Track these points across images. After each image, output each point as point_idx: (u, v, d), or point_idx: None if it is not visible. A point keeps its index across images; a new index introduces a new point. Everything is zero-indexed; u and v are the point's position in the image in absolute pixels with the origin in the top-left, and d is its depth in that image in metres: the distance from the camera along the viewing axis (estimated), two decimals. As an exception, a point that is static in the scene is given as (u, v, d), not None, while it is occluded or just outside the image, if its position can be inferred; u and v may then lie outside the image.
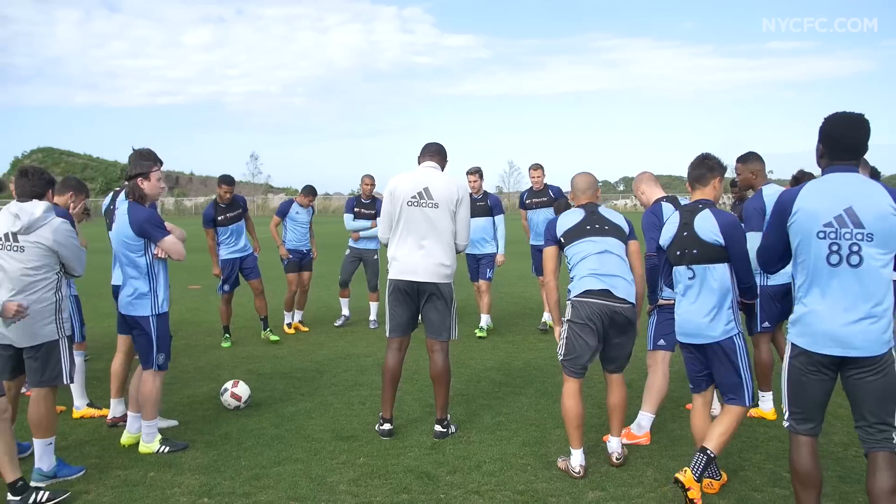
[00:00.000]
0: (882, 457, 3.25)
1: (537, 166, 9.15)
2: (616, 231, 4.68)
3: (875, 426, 3.27)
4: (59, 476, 4.51)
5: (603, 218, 4.72)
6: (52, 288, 4.49)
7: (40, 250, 4.42)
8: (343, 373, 7.24)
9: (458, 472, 4.60)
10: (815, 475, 3.40)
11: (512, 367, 7.38)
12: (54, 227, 4.45)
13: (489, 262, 8.93)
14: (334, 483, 4.45)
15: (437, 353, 5.29)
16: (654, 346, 5.21)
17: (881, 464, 3.24)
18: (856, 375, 3.29)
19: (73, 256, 4.56)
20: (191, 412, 5.92)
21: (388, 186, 5.26)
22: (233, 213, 8.50)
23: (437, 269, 5.17)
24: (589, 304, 4.50)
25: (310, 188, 9.74)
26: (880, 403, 3.26)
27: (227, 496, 4.27)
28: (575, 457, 4.54)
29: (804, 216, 3.34)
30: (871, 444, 3.30)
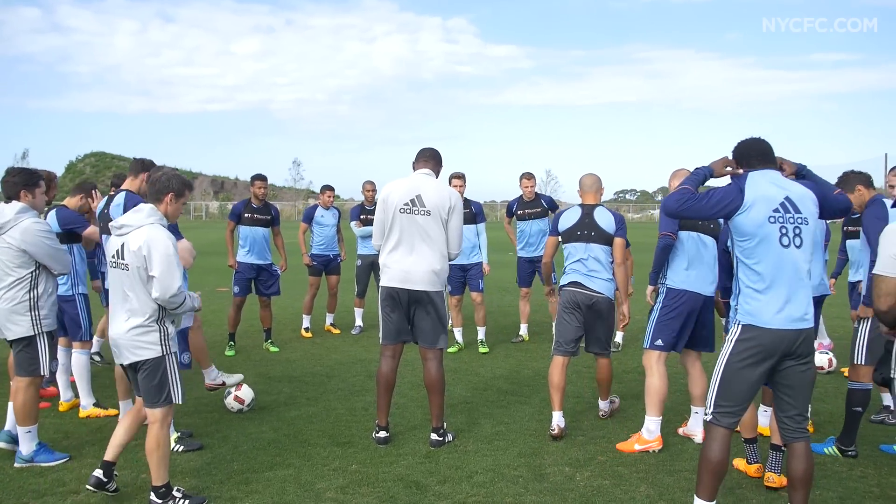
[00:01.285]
0: (801, 446, 3.62)
1: (529, 175, 8.89)
2: (601, 238, 5.49)
3: (800, 416, 3.61)
4: (35, 461, 4.70)
5: (594, 224, 5.51)
6: (25, 287, 4.63)
7: (11, 250, 4.60)
8: (352, 378, 7.24)
9: (448, 482, 4.54)
10: (725, 465, 3.65)
11: (520, 376, 7.30)
12: (23, 228, 4.60)
13: (478, 272, 8.49)
14: (322, 490, 4.43)
15: (431, 361, 5.24)
16: (650, 344, 5.19)
17: (801, 452, 3.61)
18: (793, 366, 3.55)
19: (45, 255, 4.66)
20: (196, 414, 5.97)
21: (381, 193, 5.25)
22: (261, 216, 8.54)
23: (429, 277, 5.12)
24: (573, 292, 5.52)
25: (325, 186, 9.79)
26: (807, 393, 3.63)
27: (213, 500, 4.28)
28: (554, 418, 5.38)
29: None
30: (793, 435, 3.64)
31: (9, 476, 4.61)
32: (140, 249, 3.96)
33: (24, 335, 4.68)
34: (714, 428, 3.64)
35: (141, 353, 4.05)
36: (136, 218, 4.07)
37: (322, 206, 9.59)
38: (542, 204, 8.83)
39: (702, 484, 3.65)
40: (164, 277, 3.96)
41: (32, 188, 4.80)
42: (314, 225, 9.56)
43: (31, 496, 4.31)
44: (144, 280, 4.00)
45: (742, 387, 3.56)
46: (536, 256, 8.82)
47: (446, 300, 5.41)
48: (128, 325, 4.04)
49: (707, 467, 3.63)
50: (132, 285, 4.02)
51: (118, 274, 4.08)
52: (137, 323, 4.03)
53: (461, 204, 5.27)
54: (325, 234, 9.54)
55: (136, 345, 4.05)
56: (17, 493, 4.36)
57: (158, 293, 3.98)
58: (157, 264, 3.95)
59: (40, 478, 4.58)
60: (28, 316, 4.65)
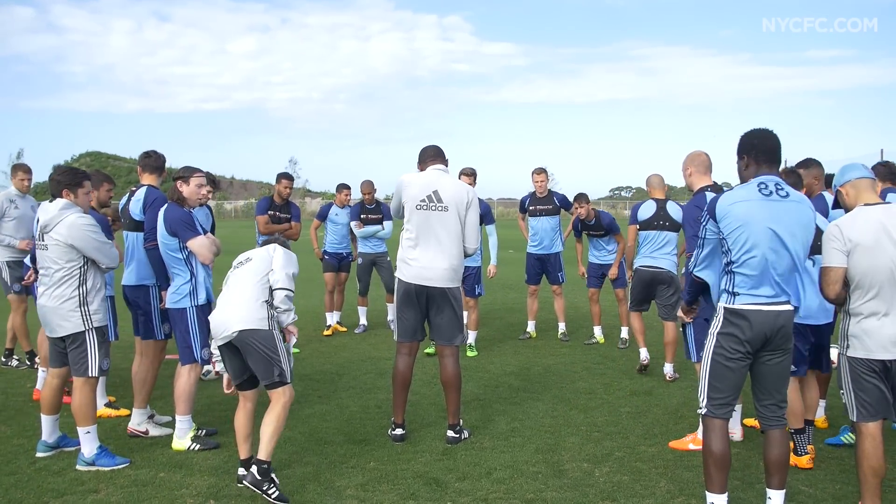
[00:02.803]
0: (778, 433, 3.80)
1: (541, 170, 8.79)
2: (673, 227, 6.99)
3: (777, 404, 3.79)
4: (97, 464, 4.66)
5: (667, 215, 7.00)
6: (74, 283, 4.66)
7: (59, 247, 4.62)
8: (363, 375, 7.24)
9: (467, 479, 4.54)
10: (729, 455, 3.76)
11: (531, 373, 7.30)
12: (69, 223, 4.62)
13: (477, 276, 8.28)
14: (342, 487, 4.42)
15: (448, 357, 5.24)
16: (697, 357, 5.09)
17: (777, 439, 3.79)
18: (771, 358, 3.71)
19: (92, 249, 4.69)
20: (209, 412, 5.96)
21: (399, 180, 5.24)
22: (283, 214, 8.51)
23: (448, 274, 5.12)
24: (645, 271, 7.07)
25: (342, 185, 9.79)
26: (783, 382, 3.80)
27: (234, 499, 4.27)
28: (641, 354, 7.30)
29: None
30: (770, 422, 3.81)
31: (28, 476, 4.60)
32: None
33: (74, 331, 4.67)
34: (710, 420, 3.76)
35: (253, 324, 4.33)
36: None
37: (337, 205, 9.61)
38: (554, 201, 8.77)
39: (710, 478, 3.74)
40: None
41: (75, 188, 4.79)
42: (328, 223, 9.60)
43: (50, 495, 4.30)
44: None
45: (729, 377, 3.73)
46: (545, 254, 8.80)
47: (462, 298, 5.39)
48: (238, 307, 4.38)
49: (711, 461, 3.72)
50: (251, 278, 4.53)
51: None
52: (256, 304, 4.41)
53: (477, 199, 5.26)
54: (338, 233, 9.58)
55: (251, 320, 4.33)
56: (37, 492, 4.35)
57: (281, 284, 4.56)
58: None
59: (59, 477, 4.57)
60: (78, 311, 4.66)
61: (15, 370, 7.54)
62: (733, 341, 3.66)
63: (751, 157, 3.80)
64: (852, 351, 3.79)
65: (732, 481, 4.33)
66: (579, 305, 11.10)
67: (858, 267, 3.72)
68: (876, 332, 3.71)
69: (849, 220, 3.80)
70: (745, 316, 3.63)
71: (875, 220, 3.73)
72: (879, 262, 3.68)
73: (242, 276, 4.48)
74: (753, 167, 3.79)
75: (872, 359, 3.72)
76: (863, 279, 3.73)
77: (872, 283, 3.71)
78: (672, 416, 5.83)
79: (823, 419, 5.55)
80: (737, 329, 3.64)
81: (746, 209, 3.63)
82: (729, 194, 3.75)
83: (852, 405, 3.80)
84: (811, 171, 5.41)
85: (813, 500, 4.23)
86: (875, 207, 3.80)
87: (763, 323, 3.62)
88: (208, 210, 7.38)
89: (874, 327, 3.71)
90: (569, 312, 10.35)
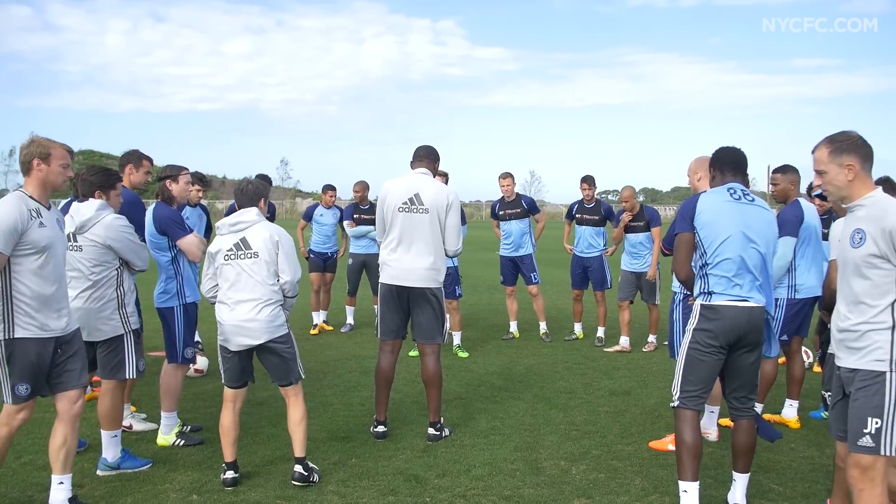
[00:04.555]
0: (745, 422, 4.06)
1: (506, 175, 8.89)
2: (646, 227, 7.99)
3: (747, 396, 4.03)
4: (122, 468, 4.65)
5: (642, 215, 7.98)
6: (111, 285, 4.62)
7: (96, 248, 4.55)
8: (347, 374, 7.32)
9: (446, 476, 4.63)
10: (700, 445, 3.98)
11: (513, 372, 7.40)
12: (106, 224, 4.54)
13: (455, 278, 8.25)
14: (323, 483, 4.50)
15: (429, 356, 5.33)
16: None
17: (745, 427, 4.06)
18: (744, 353, 3.93)
19: (129, 251, 4.64)
20: (194, 409, 6.02)
21: (381, 192, 5.33)
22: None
23: (428, 274, 5.22)
24: (630, 272, 8.43)
25: (327, 186, 9.86)
26: (754, 375, 4.01)
27: (217, 493, 4.35)
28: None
29: None
30: (740, 413, 4.07)
31: (12, 470, 4.65)
32: (272, 236, 4.46)
33: (113, 335, 4.60)
34: (682, 412, 3.97)
35: (276, 332, 4.45)
36: (249, 216, 4.50)
37: (323, 206, 9.68)
38: (522, 205, 8.88)
39: (682, 466, 3.94)
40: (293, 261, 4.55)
41: (108, 190, 4.72)
42: (314, 223, 9.69)
43: (35, 489, 4.36)
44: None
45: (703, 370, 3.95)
46: (517, 255, 8.92)
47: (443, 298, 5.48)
48: (258, 310, 4.41)
49: (684, 449, 3.92)
50: (260, 271, 4.42)
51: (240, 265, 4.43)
52: (266, 304, 4.43)
53: (458, 202, 5.35)
54: (323, 233, 9.68)
55: (273, 324, 4.43)
56: (21, 486, 4.41)
57: (288, 276, 4.49)
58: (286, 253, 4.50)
59: (43, 472, 4.61)
60: (117, 314, 4.60)
61: None
62: (708, 336, 3.86)
63: (717, 169, 4.15)
64: None
65: (706, 479, 4.45)
66: (562, 307, 11.21)
67: None
68: None
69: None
70: (719, 312, 3.85)
71: None
72: None
73: (255, 276, 4.41)
74: (720, 177, 4.13)
75: None
76: None
77: None
78: (649, 415, 5.94)
79: (796, 419, 5.67)
80: (711, 324, 3.86)
81: (717, 210, 3.92)
82: (701, 197, 4.02)
83: None
84: (788, 177, 5.56)
85: (783, 497, 4.35)
86: None
87: (736, 318, 3.83)
88: (202, 210, 7.42)
89: None
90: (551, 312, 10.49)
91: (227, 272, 4.45)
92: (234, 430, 4.52)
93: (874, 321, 3.10)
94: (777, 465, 4.86)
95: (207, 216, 7.20)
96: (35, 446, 5.07)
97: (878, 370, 3.09)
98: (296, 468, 4.47)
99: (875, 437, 3.08)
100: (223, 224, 4.53)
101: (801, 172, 5.65)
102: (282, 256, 4.46)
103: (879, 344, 3.09)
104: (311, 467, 4.53)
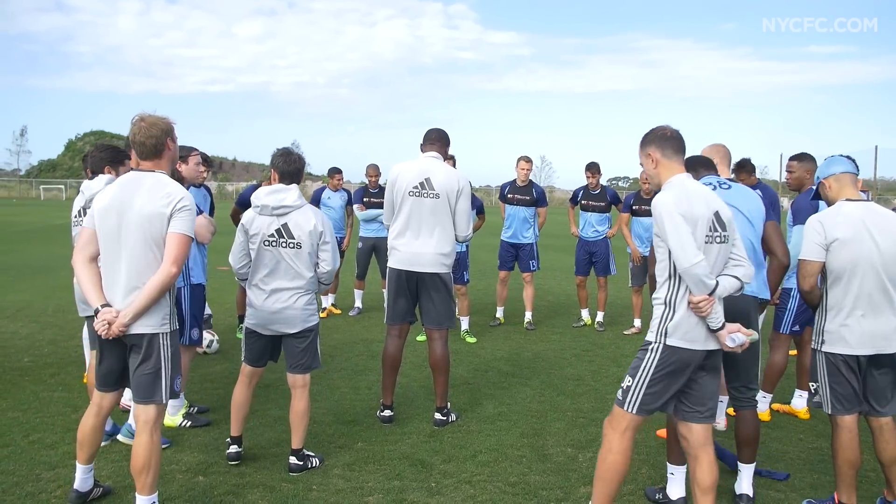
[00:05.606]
0: (748, 413, 4.11)
1: (528, 159, 8.75)
2: None
3: (746, 386, 4.07)
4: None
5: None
6: None
7: None
8: (354, 357, 7.32)
9: (452, 461, 4.63)
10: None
11: (521, 358, 7.38)
12: None
13: (463, 263, 8.18)
14: (329, 466, 4.51)
15: (437, 341, 5.31)
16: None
17: (748, 419, 4.11)
18: None
19: None
20: (201, 391, 6.04)
21: (390, 175, 5.28)
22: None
23: (438, 259, 5.19)
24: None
25: (333, 168, 9.80)
26: (751, 365, 4.05)
27: (223, 475, 4.35)
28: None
29: None
30: (742, 404, 4.12)
31: (21, 448, 4.68)
32: (316, 227, 4.38)
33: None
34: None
35: (309, 321, 4.44)
36: (292, 198, 4.37)
37: (330, 189, 9.63)
38: (532, 193, 8.75)
39: (671, 450, 4.06)
40: (335, 251, 4.51)
41: (117, 165, 4.72)
42: (322, 207, 9.59)
43: (43, 468, 4.38)
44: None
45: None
46: (517, 243, 8.84)
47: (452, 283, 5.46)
48: (294, 300, 4.38)
49: (674, 435, 3.95)
50: (301, 262, 4.38)
51: (283, 252, 4.37)
52: (304, 294, 4.41)
53: (469, 187, 5.31)
54: (331, 216, 9.57)
55: (308, 312, 4.43)
56: (30, 464, 4.43)
57: (329, 267, 4.48)
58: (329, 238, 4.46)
59: (51, 450, 4.65)
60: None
61: (14, 346, 7.60)
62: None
63: (692, 168, 4.03)
64: (829, 346, 3.83)
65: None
66: (570, 293, 11.16)
67: (838, 262, 3.78)
68: (856, 328, 3.76)
69: (831, 215, 3.86)
70: None
71: (857, 217, 3.78)
72: (860, 257, 3.73)
73: (294, 266, 4.36)
74: (695, 175, 4.04)
75: (850, 354, 3.78)
76: (841, 274, 3.78)
77: (852, 279, 3.76)
78: (657, 403, 5.91)
79: (806, 410, 5.64)
80: None
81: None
82: None
83: (827, 399, 3.87)
84: (804, 165, 5.48)
85: (790, 488, 4.32)
86: (857, 204, 3.85)
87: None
88: (206, 191, 7.41)
89: (854, 323, 3.77)
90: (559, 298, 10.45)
91: (266, 257, 4.39)
92: (246, 406, 4.54)
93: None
94: (785, 456, 4.83)
95: (211, 197, 7.19)
96: (43, 424, 5.10)
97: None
98: (290, 459, 4.44)
99: None
100: (263, 204, 4.37)
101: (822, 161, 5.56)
102: (324, 247, 4.43)
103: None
104: (307, 456, 4.51)
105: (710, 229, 3.31)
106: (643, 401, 3.38)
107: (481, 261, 14.93)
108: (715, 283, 3.26)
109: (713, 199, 3.39)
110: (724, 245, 3.37)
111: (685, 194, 3.34)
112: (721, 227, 3.35)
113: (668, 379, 3.35)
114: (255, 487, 4.19)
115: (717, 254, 3.35)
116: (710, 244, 3.32)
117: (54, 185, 66.85)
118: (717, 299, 3.29)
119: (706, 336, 3.32)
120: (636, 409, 3.40)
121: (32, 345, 7.59)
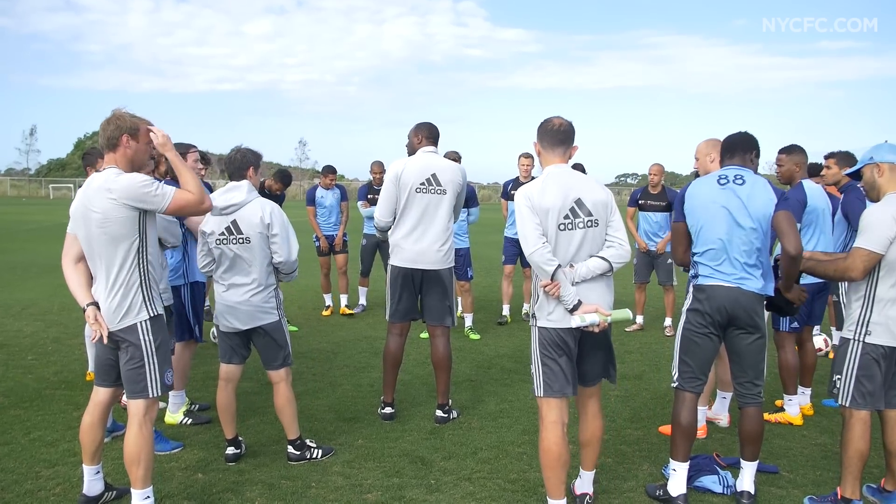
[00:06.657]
0: (752, 410, 4.03)
1: (528, 155, 8.74)
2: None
3: (751, 381, 3.99)
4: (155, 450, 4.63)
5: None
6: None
7: None
8: (357, 354, 7.31)
9: (452, 458, 4.61)
10: (695, 427, 4.07)
11: (524, 355, 7.35)
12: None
13: (467, 259, 8.19)
14: (328, 464, 4.49)
15: (439, 338, 5.29)
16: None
17: (752, 415, 4.03)
18: (741, 335, 3.92)
19: (161, 227, 4.36)
20: (203, 388, 6.04)
21: (393, 170, 5.12)
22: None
23: (441, 256, 5.17)
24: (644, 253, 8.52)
25: (327, 167, 9.78)
26: (757, 361, 3.96)
27: (222, 472, 4.35)
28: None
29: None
30: (746, 399, 4.04)
31: (21, 446, 4.69)
32: (262, 219, 4.32)
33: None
34: (681, 393, 4.04)
35: (264, 318, 4.41)
36: (240, 195, 4.36)
37: (322, 187, 9.62)
38: None
39: (675, 446, 4.04)
40: (286, 240, 4.43)
41: (92, 165, 4.75)
42: (317, 206, 9.62)
43: (42, 465, 4.39)
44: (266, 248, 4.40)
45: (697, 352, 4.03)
46: None
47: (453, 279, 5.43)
48: (249, 295, 4.37)
49: (678, 431, 4.02)
50: (252, 256, 4.35)
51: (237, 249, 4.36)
52: (259, 290, 4.38)
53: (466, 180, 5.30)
54: (325, 215, 9.62)
55: (262, 309, 4.40)
56: (30, 462, 4.44)
57: (283, 258, 4.40)
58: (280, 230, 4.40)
59: (52, 448, 4.66)
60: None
61: (18, 344, 7.63)
62: (698, 315, 3.97)
63: (729, 150, 4.12)
64: (875, 338, 3.72)
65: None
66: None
67: (893, 254, 3.65)
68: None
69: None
70: (705, 290, 3.94)
71: None
72: None
73: (247, 261, 4.36)
74: (720, 162, 4.18)
75: (890, 346, 3.70)
76: (894, 266, 3.66)
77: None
78: (660, 400, 5.88)
79: (809, 406, 5.59)
80: (699, 304, 3.96)
81: (701, 199, 3.99)
82: (691, 185, 4.11)
83: (849, 392, 3.77)
84: (792, 158, 5.27)
85: (793, 484, 4.28)
86: None
87: (722, 297, 3.87)
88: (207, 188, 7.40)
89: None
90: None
91: (220, 255, 4.42)
92: (231, 407, 4.52)
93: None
94: (788, 452, 4.79)
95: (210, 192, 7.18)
96: (44, 422, 5.11)
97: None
98: (288, 449, 4.51)
99: None
100: (214, 205, 4.36)
101: (820, 156, 5.52)
102: (273, 238, 4.37)
103: None
104: (305, 445, 4.56)
105: (565, 217, 3.54)
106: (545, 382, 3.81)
107: (484, 257, 14.90)
108: (554, 268, 3.49)
109: (576, 187, 3.58)
110: (592, 229, 3.59)
111: (541, 186, 3.57)
112: (585, 212, 3.57)
113: (551, 357, 3.75)
114: (255, 484, 4.18)
115: (581, 238, 3.58)
116: (569, 230, 3.56)
117: (63, 184, 67.13)
118: (563, 282, 3.52)
119: (563, 315, 3.62)
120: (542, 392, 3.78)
121: (36, 343, 7.62)
